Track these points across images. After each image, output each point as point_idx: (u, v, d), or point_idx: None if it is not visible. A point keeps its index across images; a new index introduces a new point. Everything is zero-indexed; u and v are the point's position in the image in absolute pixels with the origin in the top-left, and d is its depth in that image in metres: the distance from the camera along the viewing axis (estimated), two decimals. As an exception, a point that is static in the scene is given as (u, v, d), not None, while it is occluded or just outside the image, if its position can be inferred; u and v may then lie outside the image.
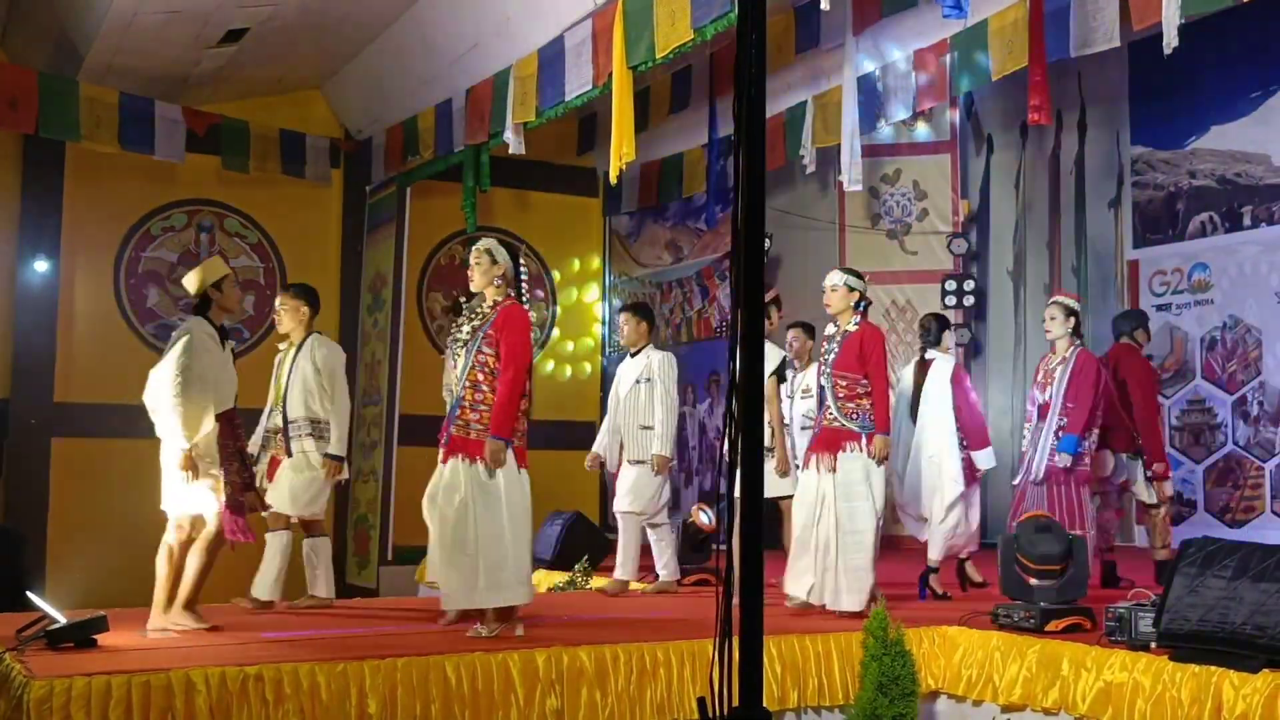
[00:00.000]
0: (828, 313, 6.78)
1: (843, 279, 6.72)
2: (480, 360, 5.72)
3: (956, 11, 6.66)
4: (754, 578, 1.99)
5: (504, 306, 5.80)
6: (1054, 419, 7.14)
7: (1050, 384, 7.24)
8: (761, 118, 2.04)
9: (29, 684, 4.46)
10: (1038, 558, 5.88)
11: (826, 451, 6.57)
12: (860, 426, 6.49)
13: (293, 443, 6.94)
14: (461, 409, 5.71)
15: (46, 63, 9.89)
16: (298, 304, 7.09)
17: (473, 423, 5.68)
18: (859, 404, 6.52)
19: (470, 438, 5.67)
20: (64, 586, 9.23)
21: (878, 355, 6.56)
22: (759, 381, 2.06)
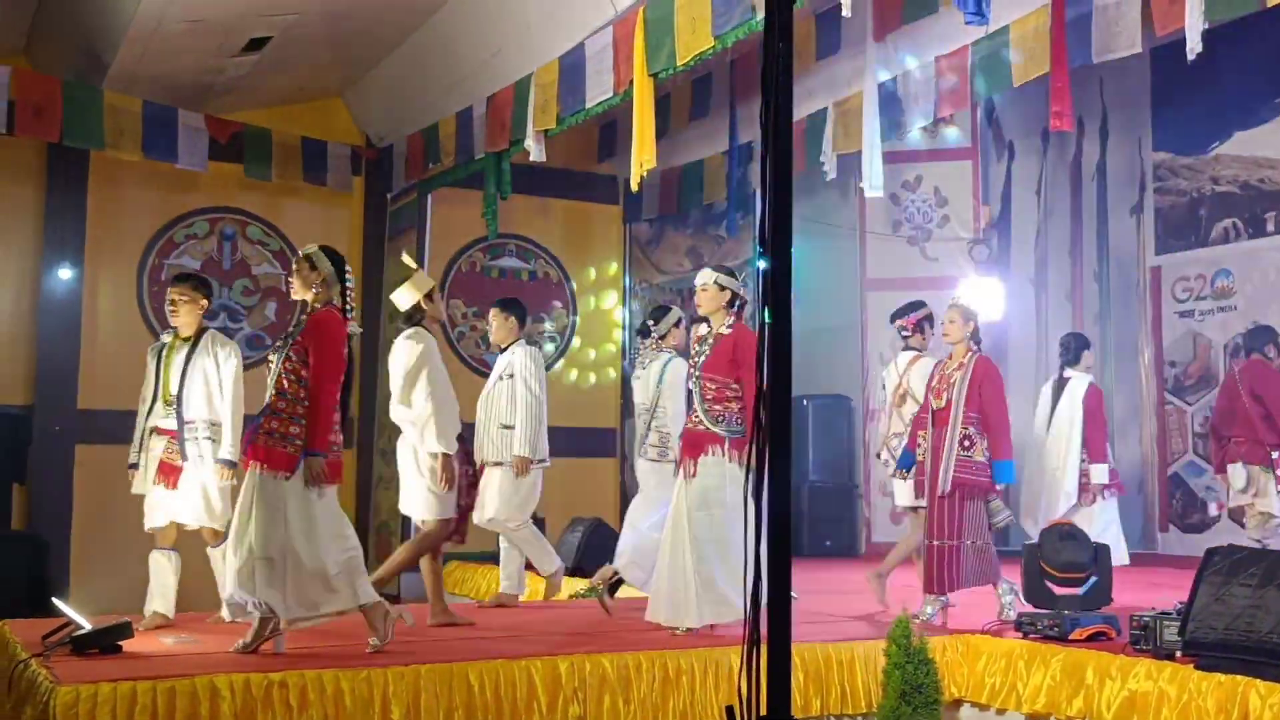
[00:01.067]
0: (698, 313, 6.51)
1: (713, 277, 6.45)
2: (287, 367, 5.57)
3: (978, 18, 6.62)
4: (782, 586, 1.99)
5: (316, 314, 5.68)
6: (956, 428, 6.62)
7: (945, 391, 6.78)
8: (788, 127, 2.04)
9: (55, 690, 4.49)
10: (1062, 565, 5.86)
11: (688, 456, 6.30)
12: (726, 430, 6.21)
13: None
14: (265, 416, 5.55)
15: (71, 71, 9.95)
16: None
17: (274, 430, 5.49)
18: (727, 406, 6.24)
19: (259, 444, 5.48)
20: (87, 592, 9.27)
21: (752, 358, 6.11)
22: (787, 390, 2.06)
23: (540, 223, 12.60)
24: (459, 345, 12.15)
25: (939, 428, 6.73)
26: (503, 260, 12.50)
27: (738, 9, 6.89)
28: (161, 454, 6.56)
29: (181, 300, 6.62)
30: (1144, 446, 11.03)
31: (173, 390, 6.56)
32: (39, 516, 10.38)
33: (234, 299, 11.50)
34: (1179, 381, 10.83)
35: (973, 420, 6.65)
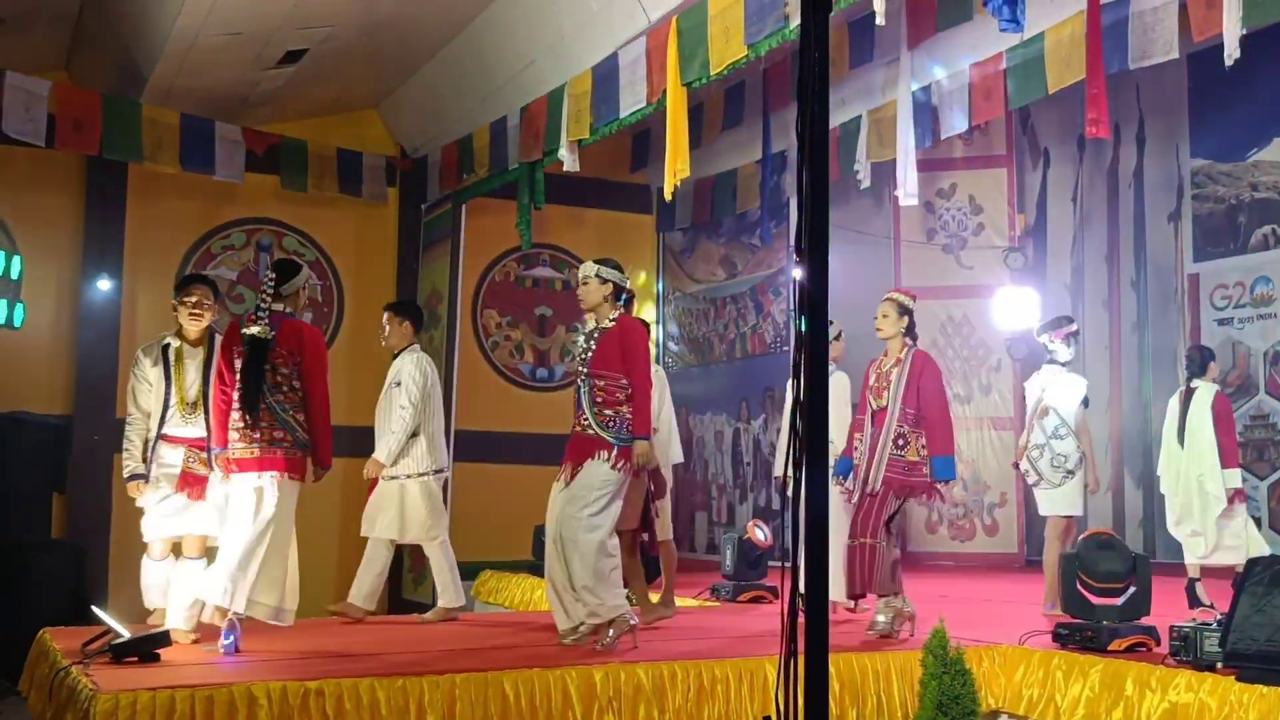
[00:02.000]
0: (582, 308, 6.29)
1: (594, 270, 6.16)
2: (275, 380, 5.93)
3: (1013, 25, 6.60)
4: (819, 596, 1.99)
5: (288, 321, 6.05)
6: (892, 425, 6.38)
7: (885, 389, 6.50)
8: (824, 136, 2.04)
9: (95, 697, 4.52)
10: (1101, 575, 5.82)
11: (571, 461, 6.02)
12: (614, 437, 5.89)
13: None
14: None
15: (110, 85, 10.07)
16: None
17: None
18: (617, 410, 5.92)
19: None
20: (125, 601, 9.29)
21: (639, 351, 6.02)
22: (824, 399, 2.06)
23: (574, 232, 12.64)
24: (493, 355, 12.19)
25: (877, 428, 6.48)
26: (536, 270, 12.55)
27: (770, 18, 6.90)
28: (182, 463, 6.37)
29: (206, 304, 6.44)
30: (1182, 455, 10.91)
31: (190, 397, 6.41)
32: (78, 525, 10.48)
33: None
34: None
35: (909, 418, 6.39)
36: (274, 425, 5.90)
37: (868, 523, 6.35)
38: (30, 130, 9.15)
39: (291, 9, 8.64)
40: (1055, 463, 7.38)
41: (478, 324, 12.31)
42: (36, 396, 10.50)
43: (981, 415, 11.66)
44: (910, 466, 6.37)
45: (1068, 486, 7.40)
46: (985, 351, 11.68)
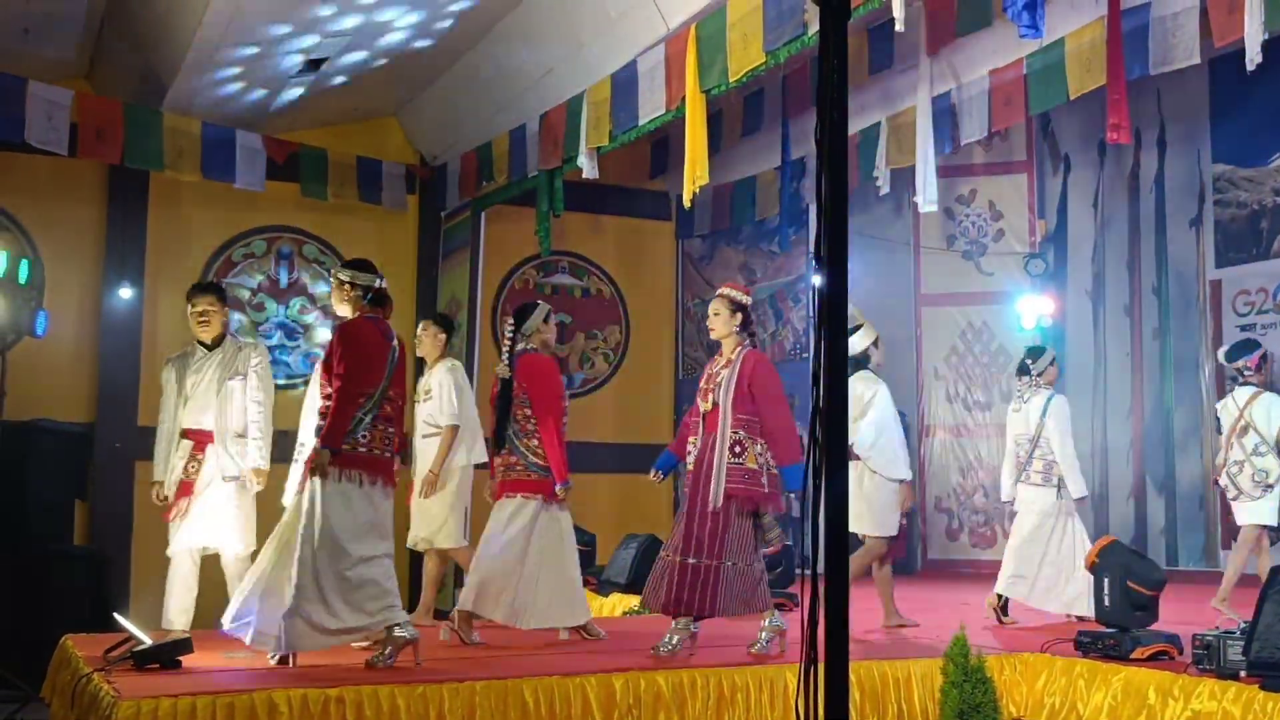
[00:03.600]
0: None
1: (346, 274, 6.03)
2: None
3: (1033, 31, 6.58)
4: (840, 603, 1.98)
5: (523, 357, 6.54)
6: (726, 431, 5.97)
7: (713, 390, 6.10)
8: (843, 143, 2.03)
9: (117, 704, 4.55)
10: (1153, 584, 5.82)
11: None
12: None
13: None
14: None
15: (132, 94, 10.12)
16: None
17: None
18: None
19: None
20: (147, 608, 9.33)
21: (345, 356, 5.78)
22: (843, 406, 2.05)
23: (593, 239, 12.65)
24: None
25: (708, 433, 6.06)
26: (556, 277, 12.55)
27: (789, 25, 6.90)
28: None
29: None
30: (1205, 462, 10.86)
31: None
32: (100, 532, 10.52)
33: (291, 317, 11.62)
34: (1241, 396, 10.65)
35: (742, 422, 5.97)
36: (511, 453, 6.52)
37: (712, 543, 5.89)
38: (53, 139, 9.20)
39: (312, 19, 8.67)
40: (1256, 478, 7.55)
41: (497, 331, 12.31)
42: (58, 404, 10.54)
43: (1002, 422, 11.57)
44: (750, 475, 5.94)
45: (1267, 499, 7.54)
46: (1005, 358, 11.64)
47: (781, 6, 6.94)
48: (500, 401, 6.51)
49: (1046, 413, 7.53)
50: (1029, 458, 7.54)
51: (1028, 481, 7.57)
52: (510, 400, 6.52)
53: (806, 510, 2.17)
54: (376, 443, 5.67)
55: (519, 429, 6.53)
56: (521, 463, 6.53)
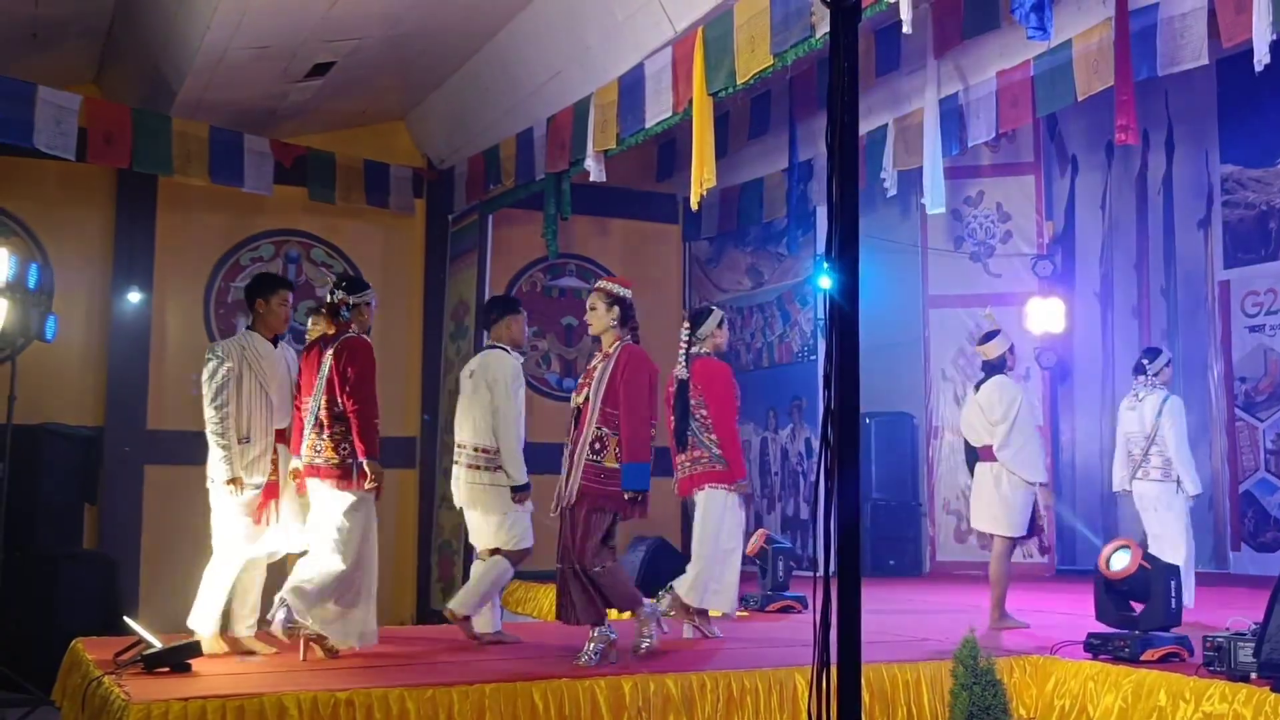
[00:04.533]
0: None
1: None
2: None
3: (1040, 33, 6.57)
4: (851, 606, 1.98)
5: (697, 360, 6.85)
6: (590, 429, 5.76)
7: (588, 385, 5.91)
8: (854, 145, 2.04)
9: (128, 707, 4.55)
10: None
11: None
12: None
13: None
14: None
15: (140, 99, 10.14)
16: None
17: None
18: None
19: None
20: (156, 611, 9.37)
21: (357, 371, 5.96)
22: (855, 409, 2.05)
23: (600, 242, 12.65)
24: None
25: (578, 430, 5.86)
26: (563, 280, 12.56)
27: (796, 27, 6.90)
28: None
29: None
30: (1214, 464, 10.84)
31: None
32: (109, 536, 10.55)
33: (298, 320, 11.61)
34: (1249, 397, 10.65)
35: (609, 418, 5.75)
36: (695, 447, 6.83)
37: (569, 546, 5.73)
38: (61, 144, 9.22)
39: (319, 23, 8.70)
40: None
41: (504, 334, 12.30)
42: (68, 408, 10.57)
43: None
44: (607, 475, 5.71)
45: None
46: (1014, 360, 11.61)
47: (789, 8, 6.93)
48: (678, 402, 6.82)
49: (1162, 412, 7.60)
50: (1145, 455, 7.65)
51: (1146, 478, 7.70)
52: (688, 401, 6.82)
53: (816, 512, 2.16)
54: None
55: (699, 425, 6.82)
56: (707, 455, 6.81)
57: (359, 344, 6.10)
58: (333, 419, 6.02)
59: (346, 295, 6.18)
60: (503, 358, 6.68)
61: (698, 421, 6.82)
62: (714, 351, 6.98)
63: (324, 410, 6.04)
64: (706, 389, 6.79)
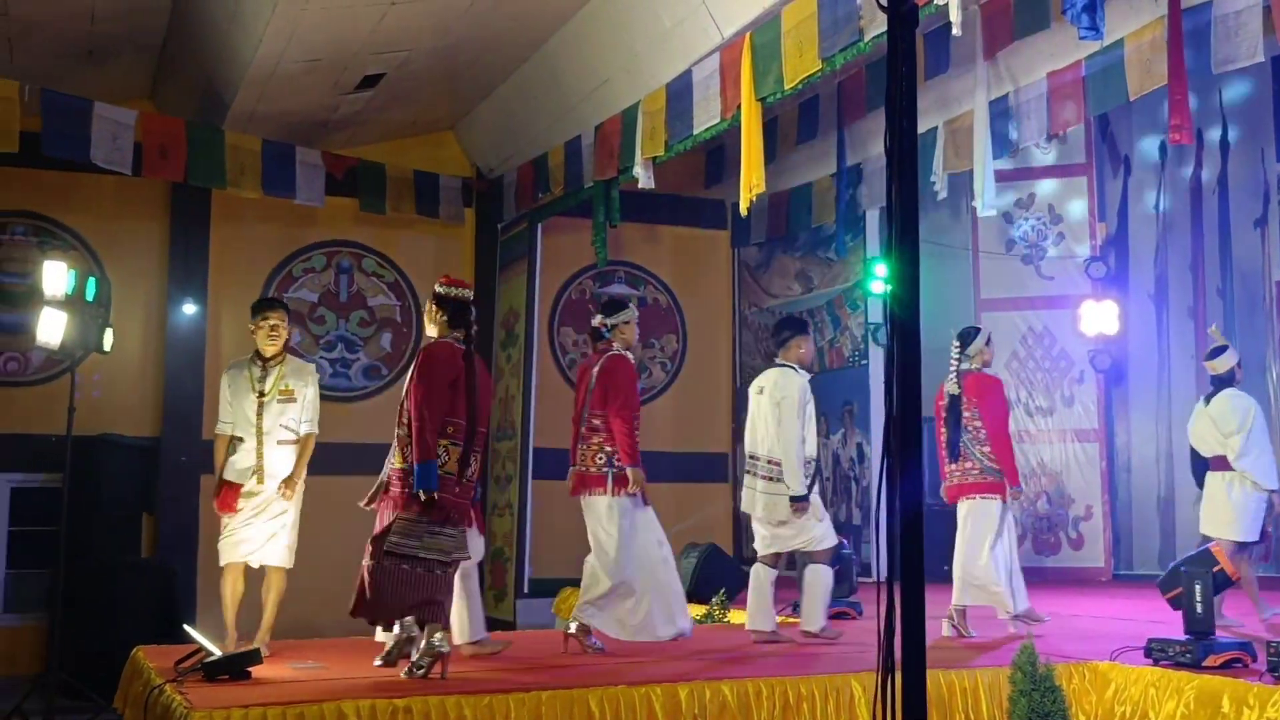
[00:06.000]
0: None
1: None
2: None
3: (1093, 33, 6.50)
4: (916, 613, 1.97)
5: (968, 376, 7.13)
6: (397, 429, 5.91)
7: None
8: (914, 149, 2.03)
9: (190, 715, 4.60)
10: None
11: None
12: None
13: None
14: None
15: (194, 113, 10.27)
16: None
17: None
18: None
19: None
20: (213, 619, 9.47)
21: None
22: (916, 414, 2.04)
23: (649, 249, 12.66)
24: (570, 373, 12.21)
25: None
26: (612, 287, 12.58)
27: (844, 31, 6.87)
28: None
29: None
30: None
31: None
32: (166, 545, 10.67)
33: (351, 330, 11.74)
34: (1309, 398, 10.49)
35: (410, 424, 5.77)
36: (967, 459, 7.15)
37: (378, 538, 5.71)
38: (118, 159, 9.35)
39: (369, 35, 8.77)
40: None
41: (555, 342, 12.37)
42: (125, 419, 10.72)
43: (1065, 428, 11.49)
44: (404, 476, 5.75)
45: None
46: (1067, 363, 11.51)
47: (837, 13, 6.91)
48: (950, 415, 7.19)
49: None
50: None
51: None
52: (960, 414, 7.17)
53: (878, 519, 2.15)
54: None
55: (971, 438, 7.14)
56: (977, 467, 7.12)
57: (618, 362, 6.65)
58: (593, 430, 6.61)
59: (605, 318, 6.77)
60: (792, 376, 7.05)
61: (970, 434, 7.16)
62: (982, 366, 7.33)
63: (587, 423, 6.63)
64: (980, 402, 7.14)
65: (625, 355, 6.71)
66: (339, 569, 6.71)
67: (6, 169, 10.17)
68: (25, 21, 8.72)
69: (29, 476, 10.49)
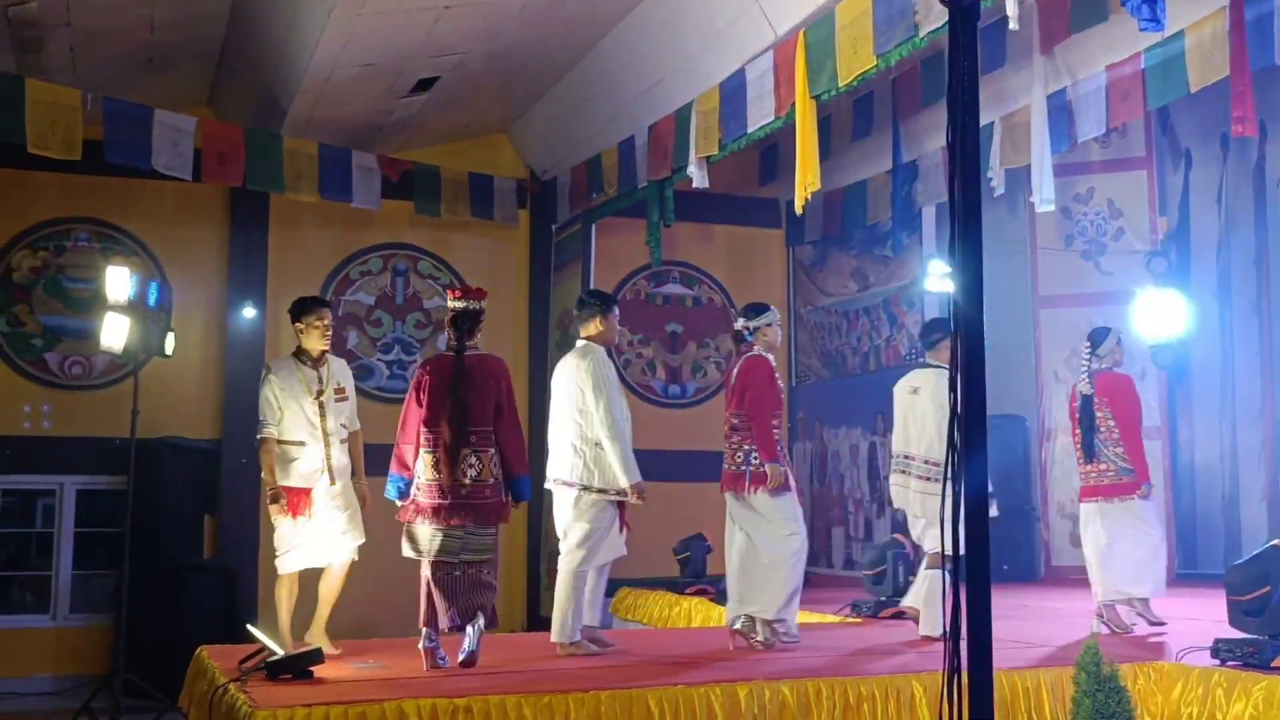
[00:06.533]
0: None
1: None
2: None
3: (1153, 24, 6.39)
4: (983, 613, 1.95)
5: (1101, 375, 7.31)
6: None
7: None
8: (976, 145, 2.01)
9: (254, 714, 4.66)
10: None
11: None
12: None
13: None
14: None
15: (252, 119, 10.39)
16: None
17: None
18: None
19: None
20: (275, 619, 9.58)
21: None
22: (981, 411, 2.02)
23: (703, 248, 12.65)
24: (626, 373, 12.23)
25: None
26: (667, 287, 12.58)
27: (900, 27, 6.82)
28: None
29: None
30: (1342, 462, 10.48)
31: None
32: (228, 546, 10.80)
33: (407, 332, 11.82)
34: (1378, 394, 10.28)
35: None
36: (1100, 460, 7.26)
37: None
38: (178, 165, 9.48)
39: (423, 39, 8.83)
40: None
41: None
42: (186, 422, 10.86)
43: (1126, 425, 11.31)
44: (451, 488, 6.26)
45: None
46: (1128, 360, 11.27)
47: (891, 9, 6.86)
48: (1084, 416, 7.31)
49: None
50: None
51: None
52: (1093, 414, 7.28)
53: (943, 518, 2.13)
54: None
55: (1104, 438, 7.24)
56: (1112, 468, 7.22)
57: (757, 362, 6.87)
58: (734, 429, 6.87)
59: (747, 321, 7.01)
60: (946, 377, 7.02)
61: (1102, 433, 7.26)
62: (1113, 366, 7.45)
63: (728, 422, 6.91)
64: (1112, 402, 7.25)
65: (765, 356, 6.94)
66: (398, 568, 6.74)
67: (70, 176, 10.34)
68: (87, 31, 8.86)
69: (94, 479, 10.66)
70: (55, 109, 8.77)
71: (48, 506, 10.68)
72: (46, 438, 10.62)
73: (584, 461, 6.54)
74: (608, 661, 6.24)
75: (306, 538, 6.87)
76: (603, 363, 6.70)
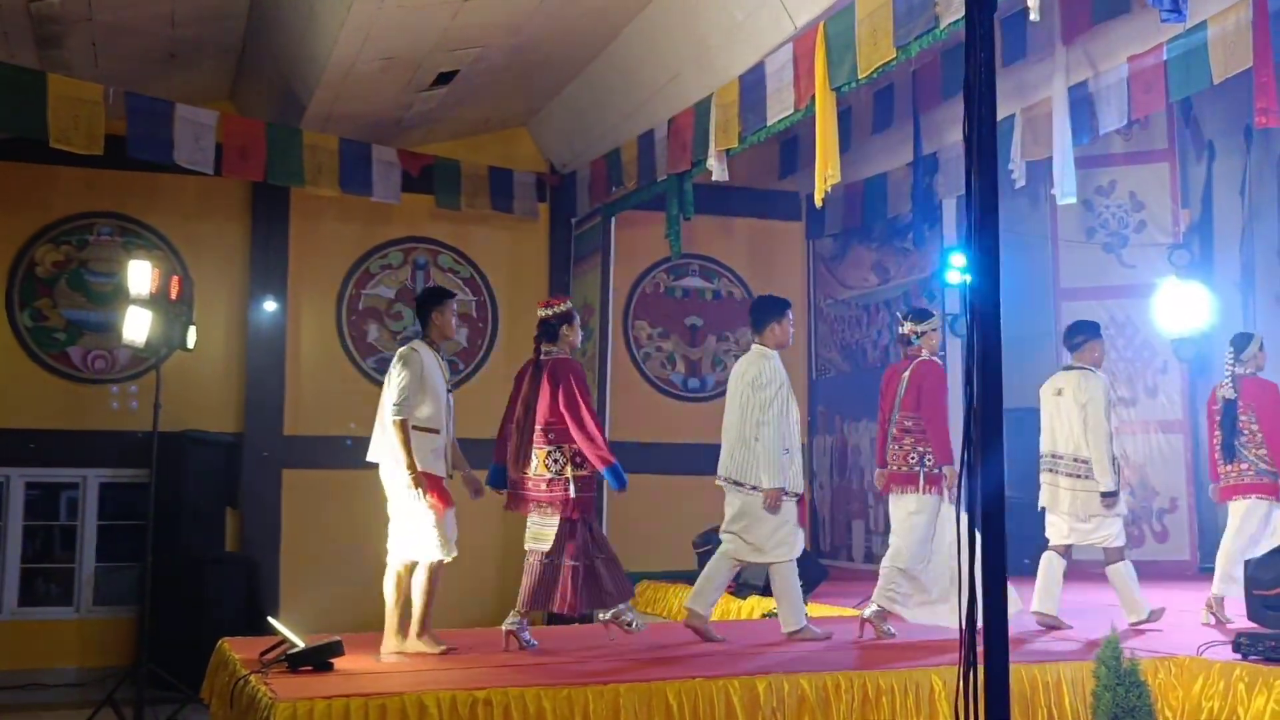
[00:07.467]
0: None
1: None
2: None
3: (1175, 15, 6.36)
4: (999, 607, 1.95)
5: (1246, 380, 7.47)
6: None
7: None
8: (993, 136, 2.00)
9: (274, 705, 4.68)
10: None
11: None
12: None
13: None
14: None
15: (272, 114, 10.42)
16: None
17: None
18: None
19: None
20: (296, 611, 9.63)
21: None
22: (997, 404, 2.01)
23: (723, 241, 12.63)
24: (645, 366, 12.24)
25: None
26: (686, 280, 12.57)
27: (920, 19, 6.80)
28: None
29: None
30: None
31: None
32: (250, 539, 10.85)
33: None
34: (1404, 387, 10.19)
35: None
36: (1241, 461, 7.40)
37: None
38: (200, 159, 9.52)
39: (442, 33, 8.84)
40: None
41: (629, 335, 12.38)
42: (208, 415, 10.91)
43: (1149, 419, 11.27)
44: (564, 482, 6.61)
45: None
46: (1150, 353, 11.30)
47: (911, 0, 6.84)
48: (1225, 418, 7.45)
49: None
50: None
51: None
52: (1235, 417, 7.41)
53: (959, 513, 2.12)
54: None
55: (1246, 440, 7.37)
56: (1252, 469, 7.35)
57: (930, 367, 7.02)
58: (905, 432, 6.95)
59: (914, 325, 7.16)
60: (1094, 379, 7.32)
61: (1245, 436, 7.37)
62: (1256, 371, 7.57)
63: (897, 425, 6.98)
64: (1258, 406, 7.36)
65: (935, 361, 7.18)
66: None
67: (92, 171, 10.39)
68: (109, 26, 8.89)
69: (116, 472, 10.72)
70: (77, 104, 8.82)
71: (71, 499, 10.75)
72: (70, 431, 10.68)
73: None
74: (627, 655, 6.25)
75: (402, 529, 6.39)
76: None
